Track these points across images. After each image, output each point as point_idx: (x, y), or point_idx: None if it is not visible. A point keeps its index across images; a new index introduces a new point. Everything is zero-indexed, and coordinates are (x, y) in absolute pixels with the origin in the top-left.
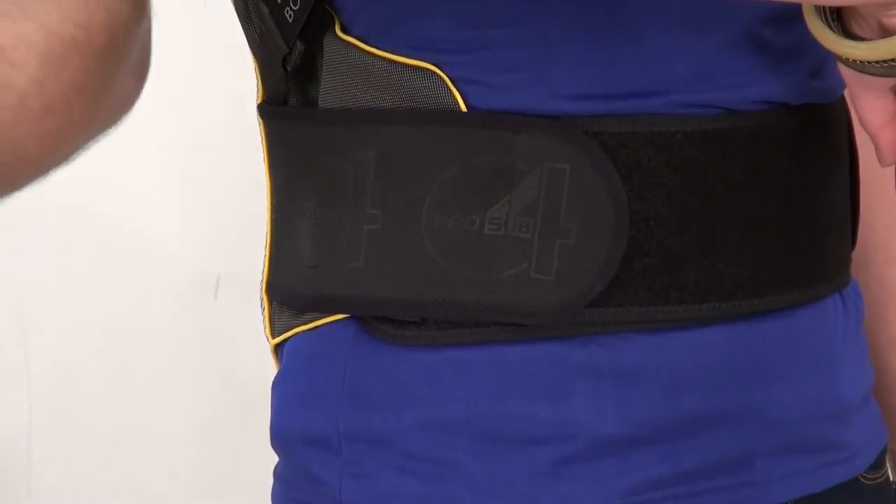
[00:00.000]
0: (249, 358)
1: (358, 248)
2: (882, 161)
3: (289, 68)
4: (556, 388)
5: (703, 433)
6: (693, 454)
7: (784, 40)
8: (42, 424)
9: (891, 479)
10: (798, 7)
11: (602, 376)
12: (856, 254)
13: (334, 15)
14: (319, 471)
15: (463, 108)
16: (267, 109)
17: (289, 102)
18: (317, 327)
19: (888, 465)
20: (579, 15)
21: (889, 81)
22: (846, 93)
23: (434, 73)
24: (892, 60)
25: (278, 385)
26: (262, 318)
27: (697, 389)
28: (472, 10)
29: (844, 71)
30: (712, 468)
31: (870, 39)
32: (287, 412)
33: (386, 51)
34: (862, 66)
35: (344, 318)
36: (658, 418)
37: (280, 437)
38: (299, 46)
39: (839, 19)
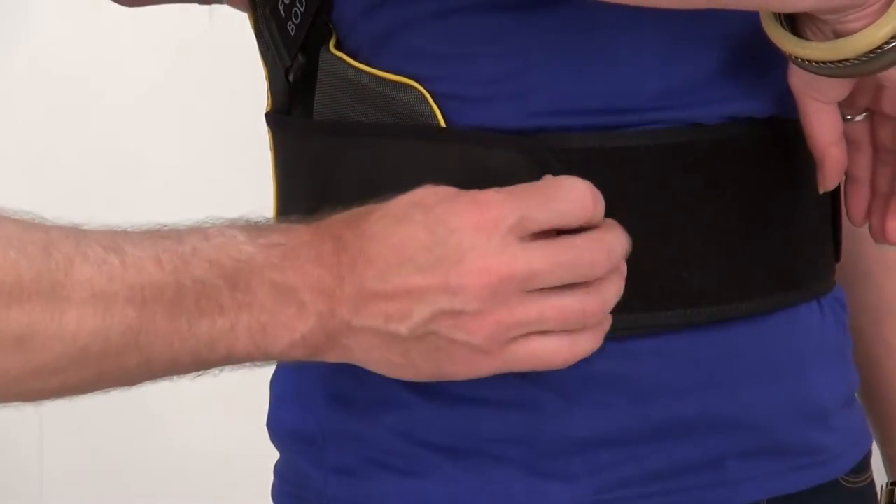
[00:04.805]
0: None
1: None
2: (824, 183)
3: (291, 80)
4: (524, 394)
5: (672, 438)
6: (661, 457)
7: (756, 59)
8: (52, 428)
9: (875, 483)
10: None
11: (569, 382)
12: (855, 265)
13: (333, 30)
14: (307, 466)
15: (442, 123)
16: (272, 118)
17: (292, 112)
18: None
19: (886, 470)
20: (556, 33)
21: (839, 93)
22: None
23: (415, 88)
24: (847, 61)
25: (273, 383)
26: None
27: (665, 396)
28: (453, 26)
29: (796, 86)
30: (681, 470)
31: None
32: (279, 409)
33: (372, 66)
34: (818, 68)
35: None
36: (626, 423)
37: (275, 433)
38: (300, 59)
39: (792, 25)
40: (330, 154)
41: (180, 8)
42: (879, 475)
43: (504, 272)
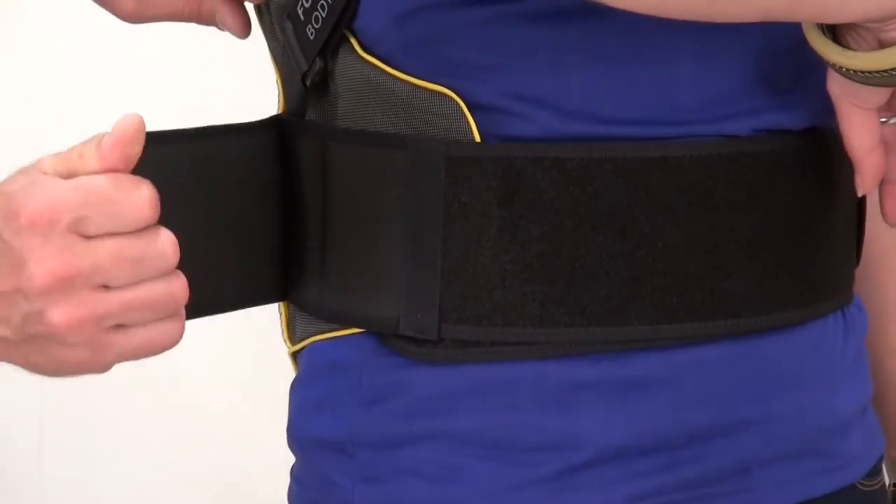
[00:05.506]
0: (264, 364)
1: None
2: (862, 187)
3: (308, 84)
4: (566, 401)
5: (705, 445)
6: (694, 464)
7: (791, 70)
8: (53, 428)
9: (887, 485)
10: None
11: (610, 389)
12: (859, 265)
13: (351, 36)
14: (333, 474)
15: (476, 135)
16: (286, 121)
17: (307, 116)
18: (336, 337)
19: (885, 471)
20: (594, 44)
21: (879, 99)
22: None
23: (452, 98)
24: (893, 70)
25: (297, 389)
26: (279, 323)
27: (701, 403)
28: (489, 36)
29: (834, 92)
30: (712, 477)
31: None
32: (304, 416)
33: (408, 73)
34: (864, 77)
35: (364, 331)
36: (663, 430)
37: (297, 440)
38: (318, 63)
39: (832, 33)
40: (337, 160)
41: None
42: None
43: (64, 272)
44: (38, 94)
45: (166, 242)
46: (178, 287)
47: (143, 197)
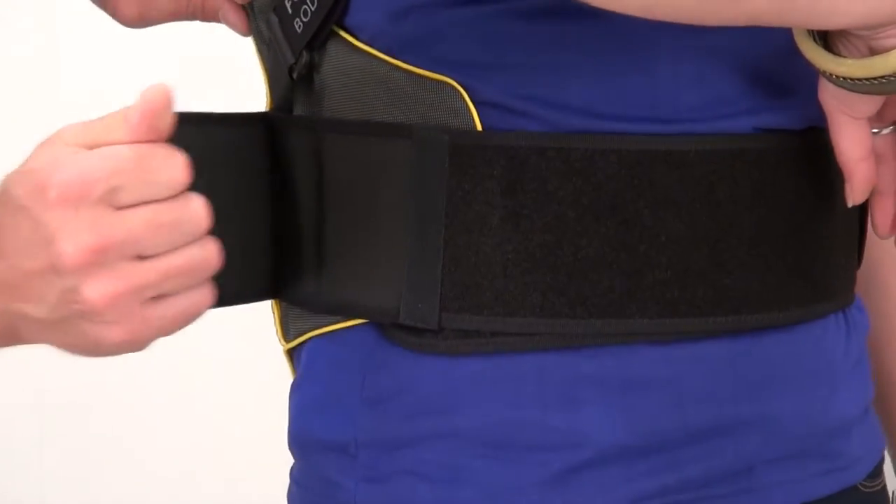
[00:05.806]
0: (261, 364)
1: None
2: (853, 197)
3: (294, 77)
4: (567, 397)
5: (707, 444)
6: (697, 464)
7: (792, 71)
8: (53, 428)
9: (887, 487)
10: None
11: (611, 387)
12: (862, 265)
13: (342, 31)
14: (335, 475)
15: (478, 123)
16: (274, 117)
17: (294, 111)
18: (335, 331)
19: (895, 473)
20: (595, 43)
21: (871, 108)
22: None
23: (455, 89)
24: (884, 77)
25: (297, 389)
26: (272, 323)
27: (702, 401)
28: (489, 35)
29: (826, 100)
30: (714, 477)
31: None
32: (305, 417)
33: (409, 63)
34: (854, 85)
35: (364, 324)
36: (664, 429)
37: (298, 441)
38: (305, 56)
39: (823, 40)
40: (334, 151)
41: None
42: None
43: (98, 245)
44: (37, 93)
45: (198, 205)
46: (212, 251)
47: (178, 163)
